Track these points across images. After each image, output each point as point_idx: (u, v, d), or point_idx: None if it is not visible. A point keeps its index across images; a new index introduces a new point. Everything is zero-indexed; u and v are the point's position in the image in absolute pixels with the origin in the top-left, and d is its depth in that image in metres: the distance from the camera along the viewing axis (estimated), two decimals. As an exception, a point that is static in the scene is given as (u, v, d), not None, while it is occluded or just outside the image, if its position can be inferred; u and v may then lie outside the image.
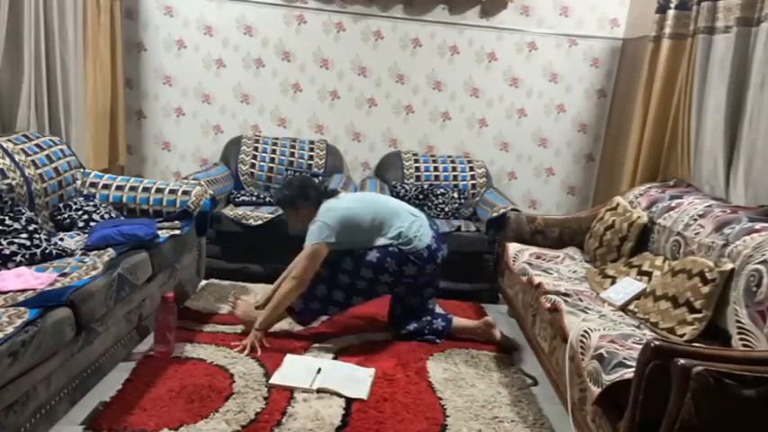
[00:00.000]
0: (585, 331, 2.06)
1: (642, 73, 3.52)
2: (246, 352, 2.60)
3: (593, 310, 2.35)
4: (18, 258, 2.29)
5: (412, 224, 2.78)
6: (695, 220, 2.54)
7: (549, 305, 2.44)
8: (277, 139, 4.19)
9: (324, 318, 2.93)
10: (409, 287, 2.88)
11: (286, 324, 2.99)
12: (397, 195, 3.96)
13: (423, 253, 2.75)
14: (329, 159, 4.15)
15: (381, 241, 2.75)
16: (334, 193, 2.87)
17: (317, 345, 2.79)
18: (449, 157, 4.26)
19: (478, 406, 2.37)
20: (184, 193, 3.12)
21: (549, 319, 2.42)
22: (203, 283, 3.47)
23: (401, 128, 4.32)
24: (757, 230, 2.16)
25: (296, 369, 2.50)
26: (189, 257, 3.12)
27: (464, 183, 4.12)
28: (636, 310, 2.39)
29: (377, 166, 4.28)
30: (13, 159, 2.68)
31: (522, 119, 4.31)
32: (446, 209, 3.95)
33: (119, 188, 3.14)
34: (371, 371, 2.53)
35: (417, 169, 4.14)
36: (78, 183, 3.11)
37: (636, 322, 2.30)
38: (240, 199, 3.82)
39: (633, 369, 1.62)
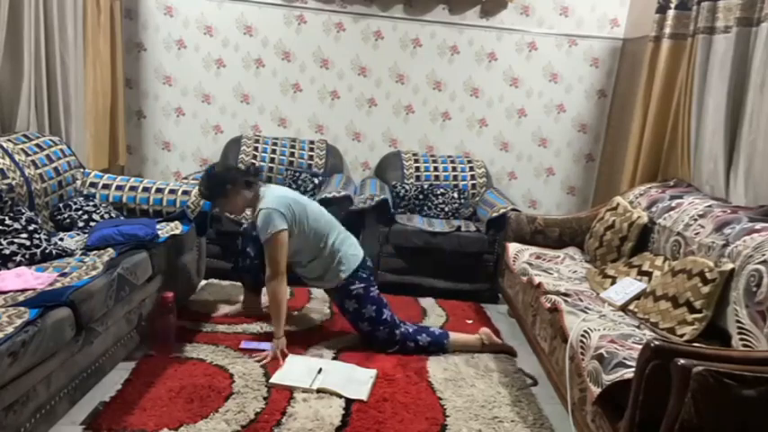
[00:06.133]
0: (585, 331, 2.06)
1: (642, 73, 3.52)
2: (267, 361, 2.56)
3: (593, 310, 2.36)
4: (18, 258, 2.29)
5: (347, 235, 2.84)
6: (695, 220, 2.55)
7: (549, 305, 2.44)
8: (277, 139, 4.18)
9: None
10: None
11: (286, 324, 2.99)
12: (397, 195, 3.96)
13: (366, 261, 2.84)
14: (329, 159, 4.14)
15: (340, 249, 2.75)
16: (258, 173, 2.83)
17: (317, 344, 2.79)
18: (449, 157, 4.26)
19: (478, 406, 2.37)
20: (184, 193, 3.12)
21: (549, 319, 2.42)
22: (203, 282, 3.46)
23: (401, 128, 4.31)
24: (757, 230, 2.16)
25: (297, 369, 2.50)
26: (189, 257, 3.11)
27: (464, 183, 4.12)
28: (636, 310, 2.39)
29: (377, 166, 4.28)
30: (13, 159, 2.68)
31: (522, 119, 4.31)
32: (446, 209, 3.95)
33: (119, 188, 3.14)
34: (373, 372, 2.53)
35: (417, 169, 4.14)
36: (78, 183, 3.11)
37: (636, 322, 2.30)
38: (240, 199, 3.81)
39: (633, 369, 1.62)
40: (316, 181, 3.99)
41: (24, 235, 2.37)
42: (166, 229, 2.84)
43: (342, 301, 2.78)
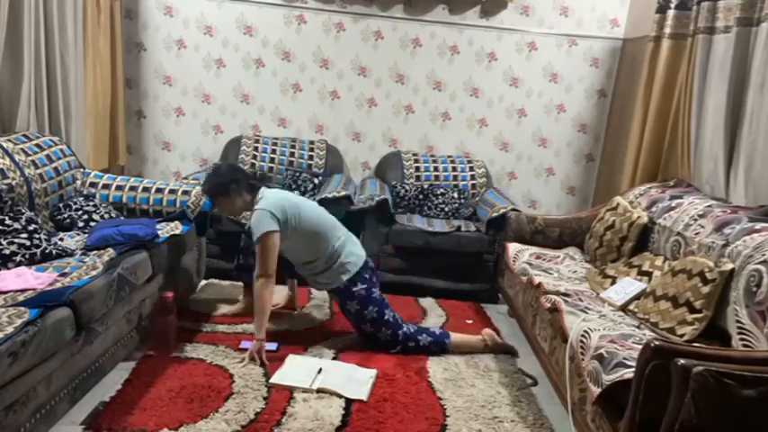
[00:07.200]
0: (585, 331, 2.06)
1: (642, 73, 3.52)
2: (245, 363, 2.53)
3: (593, 310, 2.36)
4: (18, 258, 2.29)
5: (350, 236, 2.85)
6: (695, 220, 2.55)
7: (549, 305, 2.44)
8: (277, 139, 4.18)
9: None
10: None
11: (286, 324, 3.00)
12: (397, 195, 3.96)
13: (368, 262, 2.84)
14: (329, 159, 4.14)
15: (342, 251, 2.75)
16: (264, 179, 2.81)
17: (317, 344, 2.79)
18: (449, 157, 4.26)
19: (478, 406, 2.37)
20: (184, 193, 3.12)
21: (549, 319, 2.42)
22: (203, 282, 3.46)
23: (401, 128, 4.32)
24: (757, 230, 2.16)
25: (297, 369, 2.50)
26: (189, 257, 3.11)
27: (464, 183, 4.12)
28: (636, 310, 2.39)
29: (377, 166, 4.28)
30: (13, 159, 2.68)
31: (522, 119, 4.31)
32: (446, 209, 3.95)
33: (119, 188, 3.14)
34: (373, 372, 2.53)
35: (417, 169, 4.14)
36: (78, 183, 3.11)
37: (636, 322, 2.30)
38: (240, 199, 3.81)
39: (633, 369, 1.62)
40: (316, 181, 3.99)
41: (24, 235, 2.37)
42: (166, 229, 2.84)
43: (343, 303, 2.78)
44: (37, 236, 2.40)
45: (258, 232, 2.57)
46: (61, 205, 2.90)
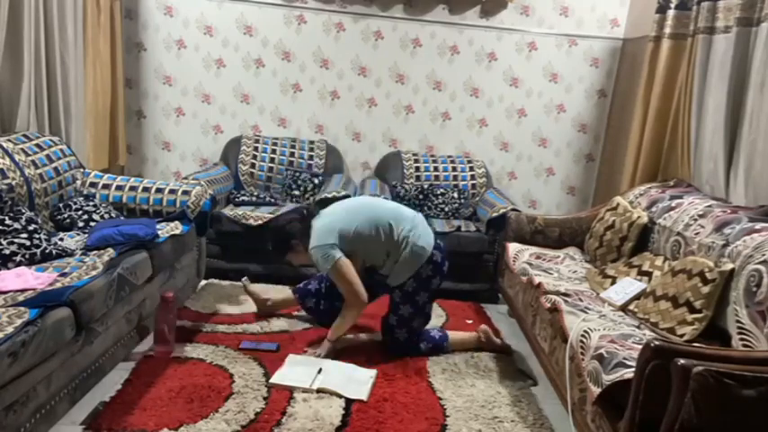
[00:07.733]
0: (585, 331, 2.06)
1: (642, 73, 3.52)
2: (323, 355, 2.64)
3: (593, 310, 2.36)
4: (18, 258, 2.29)
5: (415, 224, 2.67)
6: (695, 220, 2.55)
7: (549, 305, 2.44)
8: (277, 139, 4.18)
9: None
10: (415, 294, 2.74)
11: (285, 324, 3.00)
12: (397, 195, 3.96)
13: (433, 256, 2.66)
14: (329, 159, 4.15)
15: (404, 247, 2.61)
16: (321, 205, 2.70)
17: (317, 344, 2.79)
18: (449, 157, 4.26)
19: (478, 406, 2.37)
20: (184, 193, 3.12)
21: (549, 319, 2.42)
22: (203, 282, 3.46)
23: (401, 128, 4.32)
24: (757, 230, 2.17)
25: (297, 369, 2.50)
26: (189, 257, 3.11)
27: (464, 183, 4.12)
28: (636, 310, 2.39)
29: (377, 166, 4.28)
30: (13, 159, 2.68)
31: (522, 119, 4.31)
32: (446, 209, 3.95)
33: (119, 188, 3.14)
34: (373, 372, 2.53)
35: (417, 169, 4.14)
36: (78, 183, 3.10)
37: (636, 322, 2.30)
38: (240, 199, 3.82)
39: (633, 369, 1.62)
40: (316, 181, 3.99)
41: (24, 235, 2.37)
42: (166, 229, 2.84)
43: (399, 303, 2.69)
44: (37, 236, 2.40)
45: (325, 267, 2.55)
46: (61, 205, 2.90)
